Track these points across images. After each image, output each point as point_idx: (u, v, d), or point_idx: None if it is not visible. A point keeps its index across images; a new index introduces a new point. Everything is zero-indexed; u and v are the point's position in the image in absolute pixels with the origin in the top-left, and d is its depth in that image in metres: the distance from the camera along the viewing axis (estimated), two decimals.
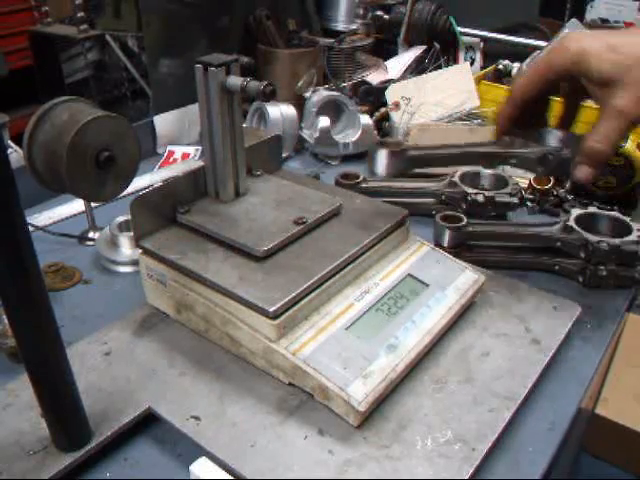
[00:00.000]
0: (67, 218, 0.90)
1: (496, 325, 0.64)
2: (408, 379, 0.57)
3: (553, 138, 0.67)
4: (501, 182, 0.86)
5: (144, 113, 1.17)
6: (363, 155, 1.09)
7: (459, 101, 1.06)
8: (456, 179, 0.85)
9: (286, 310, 0.55)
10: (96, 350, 0.60)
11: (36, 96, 2.29)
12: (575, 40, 0.54)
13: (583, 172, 0.57)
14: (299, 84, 1.19)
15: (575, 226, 0.74)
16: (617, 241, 0.71)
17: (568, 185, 0.97)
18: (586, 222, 0.76)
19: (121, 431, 0.52)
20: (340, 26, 1.46)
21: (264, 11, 1.26)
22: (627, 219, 0.75)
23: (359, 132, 1.09)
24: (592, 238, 0.72)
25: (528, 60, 0.68)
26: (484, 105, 1.10)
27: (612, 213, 0.77)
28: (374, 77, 1.26)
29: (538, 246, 0.77)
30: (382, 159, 0.67)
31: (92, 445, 0.50)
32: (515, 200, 0.84)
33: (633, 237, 0.72)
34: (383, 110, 1.13)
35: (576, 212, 0.76)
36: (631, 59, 0.51)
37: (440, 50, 1.34)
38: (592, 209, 0.78)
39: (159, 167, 1.08)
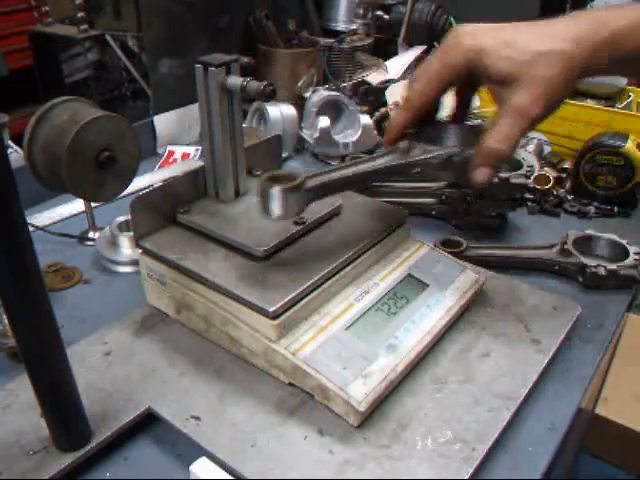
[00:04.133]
0: (67, 218, 0.90)
1: (496, 325, 0.64)
2: (408, 379, 0.57)
3: (450, 134, 0.60)
4: (514, 165, 0.85)
5: (144, 113, 1.16)
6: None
7: None
8: None
9: (286, 310, 0.55)
10: (96, 350, 0.60)
11: (36, 96, 2.28)
12: (470, 36, 0.53)
13: (483, 174, 0.54)
14: (299, 84, 1.19)
15: (573, 249, 0.75)
16: (614, 266, 0.73)
17: (568, 185, 0.97)
18: (584, 245, 0.77)
19: (121, 431, 0.52)
20: (340, 26, 1.46)
21: (264, 11, 1.26)
22: (624, 242, 0.76)
23: (359, 132, 1.08)
24: (590, 262, 0.73)
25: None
26: (484, 105, 1.09)
27: (609, 235, 0.78)
28: (374, 77, 1.26)
29: (537, 268, 0.78)
30: (277, 199, 0.54)
31: (92, 445, 0.50)
32: (529, 182, 0.83)
33: (630, 261, 0.73)
34: (383, 110, 1.13)
35: (573, 235, 0.78)
36: (527, 55, 0.50)
37: None
38: (590, 231, 0.79)
39: (159, 167, 1.08)
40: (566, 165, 1.00)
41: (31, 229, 0.60)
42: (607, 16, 0.52)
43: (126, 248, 0.78)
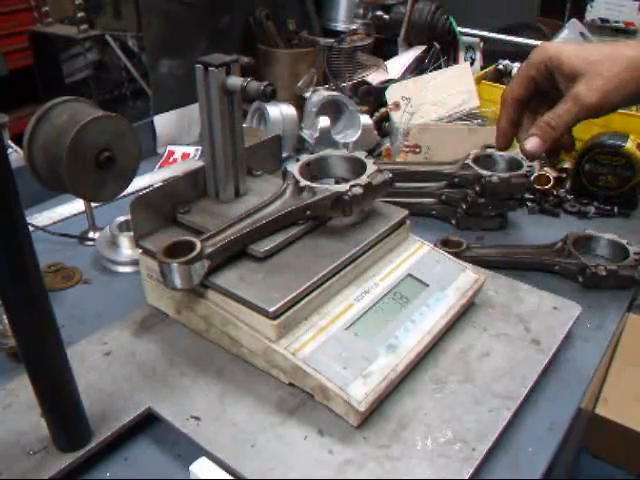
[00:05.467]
0: (67, 218, 0.90)
1: (496, 325, 0.64)
2: (408, 379, 0.57)
3: (337, 165, 0.68)
4: (515, 164, 0.85)
5: (144, 113, 1.16)
6: None
7: (459, 101, 1.06)
8: (469, 162, 0.85)
9: (286, 310, 0.55)
10: (96, 350, 0.60)
11: (36, 96, 2.29)
12: (552, 44, 0.65)
13: (532, 142, 0.62)
14: (299, 84, 1.19)
15: (573, 249, 0.75)
16: (614, 266, 0.73)
17: (568, 185, 0.97)
18: (584, 245, 0.78)
19: (121, 431, 0.52)
20: (340, 26, 1.46)
21: (264, 11, 1.26)
22: (624, 242, 0.77)
23: (359, 132, 1.08)
24: (590, 262, 0.73)
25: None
26: (484, 105, 1.10)
27: (609, 235, 0.79)
28: (374, 77, 1.26)
29: (537, 268, 0.78)
30: (177, 273, 0.53)
31: (92, 445, 0.50)
32: (530, 182, 0.84)
33: (630, 261, 0.73)
34: (383, 110, 1.13)
35: (573, 235, 0.78)
36: (596, 56, 0.60)
37: (440, 50, 1.34)
38: (590, 231, 0.79)
39: (159, 167, 1.08)
40: (566, 165, 1.00)
41: (31, 229, 0.60)
42: None
43: (126, 248, 0.78)
